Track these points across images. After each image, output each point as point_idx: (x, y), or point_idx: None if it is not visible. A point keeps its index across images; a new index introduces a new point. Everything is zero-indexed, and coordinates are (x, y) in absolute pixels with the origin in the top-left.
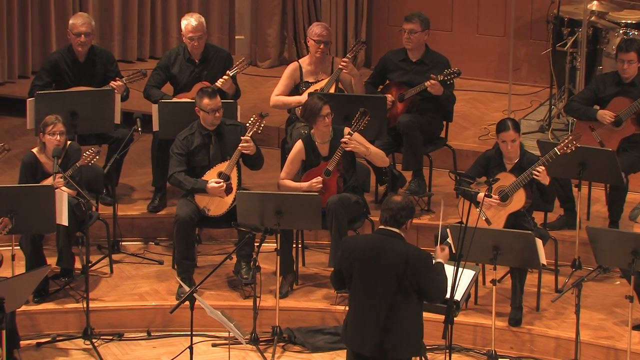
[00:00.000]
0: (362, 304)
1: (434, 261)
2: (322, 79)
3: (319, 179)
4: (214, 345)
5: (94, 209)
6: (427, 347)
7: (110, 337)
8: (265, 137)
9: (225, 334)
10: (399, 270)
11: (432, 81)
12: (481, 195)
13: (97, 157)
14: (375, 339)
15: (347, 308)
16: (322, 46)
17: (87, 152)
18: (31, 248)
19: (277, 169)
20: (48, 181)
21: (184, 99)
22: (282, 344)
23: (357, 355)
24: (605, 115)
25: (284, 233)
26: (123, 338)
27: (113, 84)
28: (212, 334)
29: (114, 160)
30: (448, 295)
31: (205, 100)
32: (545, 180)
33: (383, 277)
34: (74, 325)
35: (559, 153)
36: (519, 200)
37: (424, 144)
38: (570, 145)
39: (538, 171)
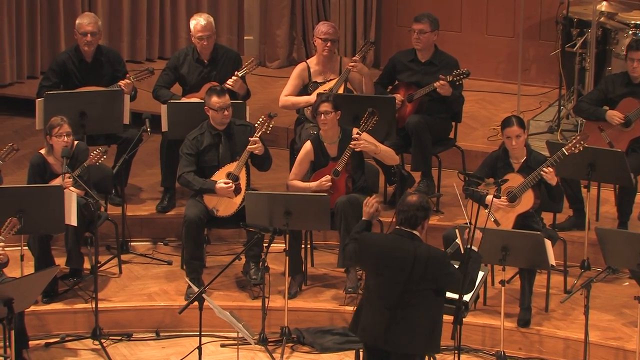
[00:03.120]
0: (376, 300)
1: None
2: (331, 79)
3: (328, 177)
4: (222, 345)
5: (102, 209)
6: None
7: (119, 338)
8: (274, 137)
9: (234, 335)
10: (411, 270)
11: (441, 82)
12: (490, 197)
13: (105, 156)
14: (388, 333)
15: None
16: (329, 44)
17: (95, 152)
18: (39, 248)
19: (285, 169)
20: (56, 181)
21: (193, 99)
22: (290, 344)
23: (371, 350)
24: (615, 116)
25: (293, 234)
26: (132, 338)
27: (121, 83)
28: (221, 334)
29: (123, 160)
30: (456, 296)
31: (214, 99)
32: (552, 180)
33: (396, 276)
34: (82, 326)
35: (567, 153)
36: (527, 200)
37: (432, 144)
38: (578, 146)
39: (545, 171)
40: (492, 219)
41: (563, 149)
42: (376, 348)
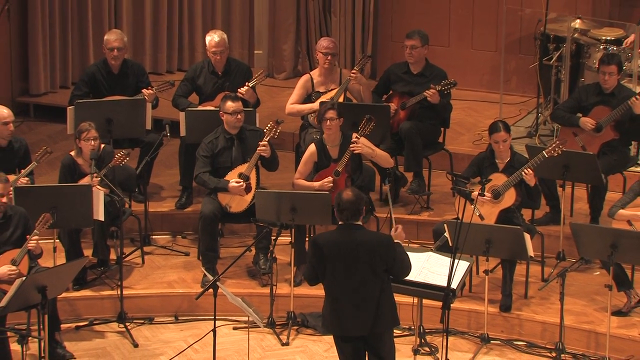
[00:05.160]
0: (342, 293)
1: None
2: (332, 89)
3: (330, 179)
4: (235, 328)
5: (127, 205)
6: (426, 331)
7: (142, 321)
8: (281, 141)
9: (245, 319)
10: (369, 257)
11: (431, 91)
12: (475, 193)
13: (128, 158)
14: (360, 319)
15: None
16: (329, 58)
17: (119, 154)
18: (70, 241)
19: (291, 170)
20: (85, 181)
21: (208, 107)
22: (296, 327)
23: (345, 338)
24: (587, 122)
25: (298, 228)
26: (153, 322)
27: (145, 91)
28: (234, 318)
29: (145, 162)
30: (445, 284)
31: (229, 103)
32: (531, 181)
33: (357, 266)
34: (109, 310)
35: (546, 156)
36: (509, 198)
37: (423, 148)
38: (557, 150)
39: (526, 172)
40: (477, 214)
41: (543, 152)
42: (350, 336)
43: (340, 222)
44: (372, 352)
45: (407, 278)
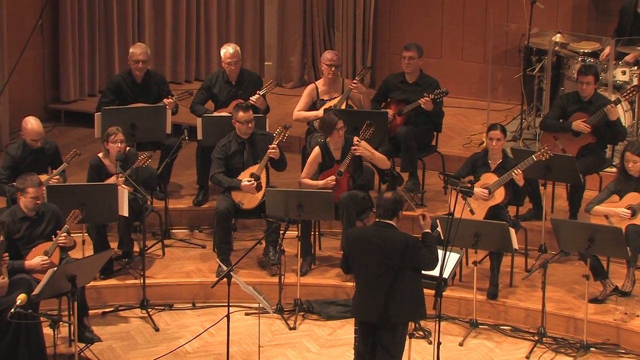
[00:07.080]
0: (367, 283)
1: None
2: (335, 97)
3: (333, 178)
4: (246, 314)
5: (149, 202)
6: None
7: (163, 307)
8: (289, 144)
9: (256, 305)
10: (397, 254)
11: (425, 99)
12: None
13: (150, 160)
14: (379, 309)
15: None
16: (333, 69)
17: (142, 156)
18: (97, 235)
19: (298, 170)
20: (111, 180)
21: (223, 113)
22: (302, 313)
23: (364, 324)
24: (581, 125)
25: (304, 223)
26: (173, 308)
27: (166, 101)
28: (246, 305)
29: (165, 163)
30: (438, 274)
31: (240, 114)
32: (520, 181)
33: (383, 260)
34: (133, 298)
35: (535, 160)
36: (499, 195)
37: (418, 150)
38: (545, 155)
39: (516, 173)
40: (469, 209)
41: (533, 155)
42: (368, 323)
43: (376, 219)
44: (379, 342)
45: None
